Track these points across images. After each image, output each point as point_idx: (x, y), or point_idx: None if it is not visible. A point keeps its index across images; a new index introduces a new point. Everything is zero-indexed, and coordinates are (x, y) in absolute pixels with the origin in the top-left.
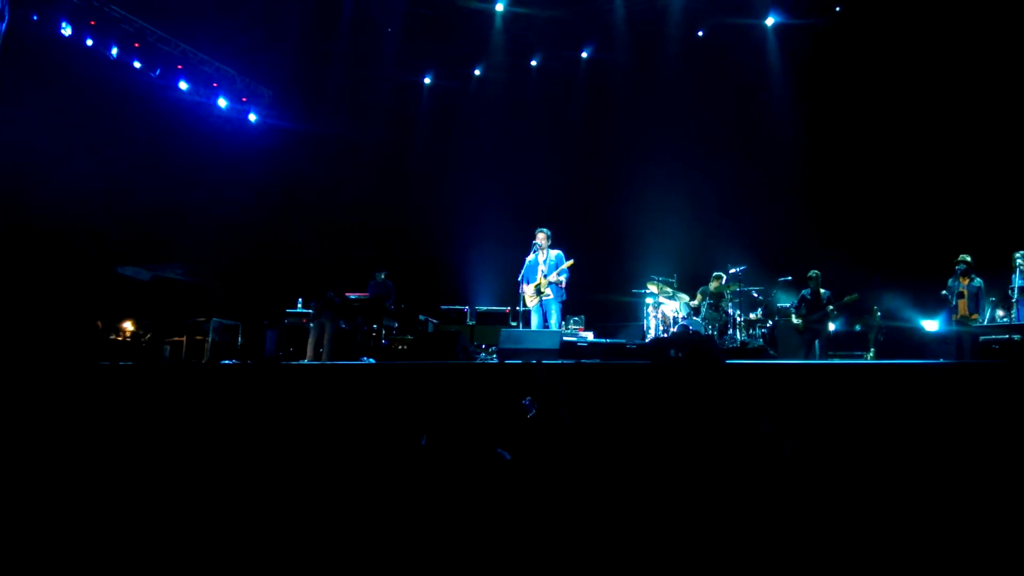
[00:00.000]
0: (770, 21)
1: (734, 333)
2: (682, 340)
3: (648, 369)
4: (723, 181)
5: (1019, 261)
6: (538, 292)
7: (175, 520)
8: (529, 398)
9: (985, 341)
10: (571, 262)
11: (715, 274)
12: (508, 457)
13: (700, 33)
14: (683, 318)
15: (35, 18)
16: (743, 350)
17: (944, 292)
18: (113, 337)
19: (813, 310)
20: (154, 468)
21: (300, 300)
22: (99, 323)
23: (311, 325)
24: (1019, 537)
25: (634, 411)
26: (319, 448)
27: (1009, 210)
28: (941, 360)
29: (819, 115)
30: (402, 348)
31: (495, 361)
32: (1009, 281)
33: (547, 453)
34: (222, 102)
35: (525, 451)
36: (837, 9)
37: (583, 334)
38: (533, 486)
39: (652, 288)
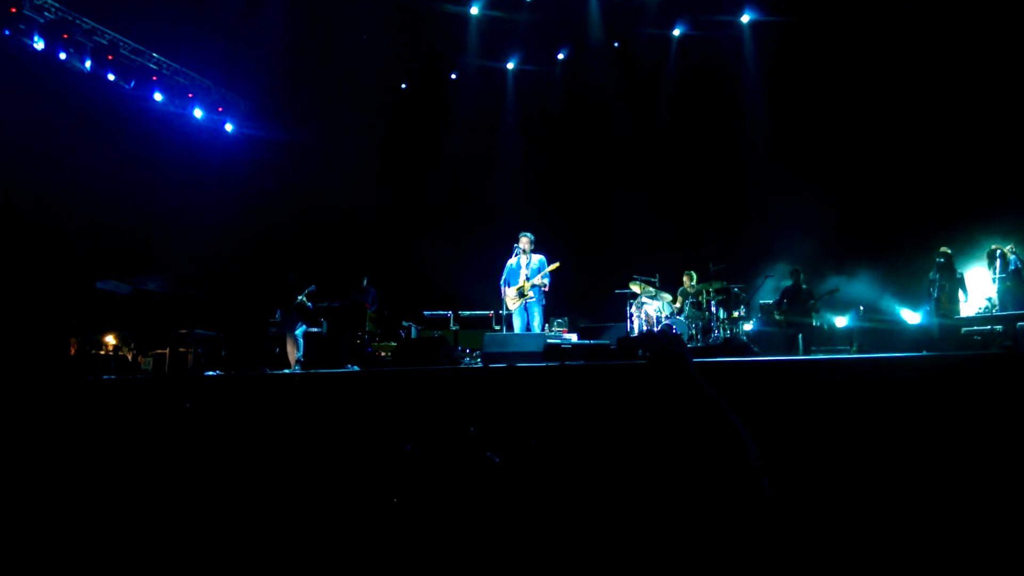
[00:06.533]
0: (746, 18)
1: (718, 331)
2: (648, 341)
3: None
4: (703, 178)
5: (998, 253)
6: (521, 295)
7: (164, 531)
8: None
9: (967, 332)
10: (556, 265)
11: (687, 272)
12: (497, 460)
13: (676, 32)
14: (666, 317)
15: (7, 33)
16: (726, 347)
17: (932, 277)
18: (95, 352)
19: (795, 305)
20: (141, 481)
21: (279, 311)
22: (73, 341)
23: (287, 334)
24: (1002, 528)
25: (613, 411)
26: (306, 456)
27: (988, 202)
28: (924, 352)
29: (796, 110)
30: (386, 355)
31: (479, 365)
32: (988, 273)
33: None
34: (198, 112)
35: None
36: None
37: (567, 336)
38: (523, 489)
39: (635, 288)
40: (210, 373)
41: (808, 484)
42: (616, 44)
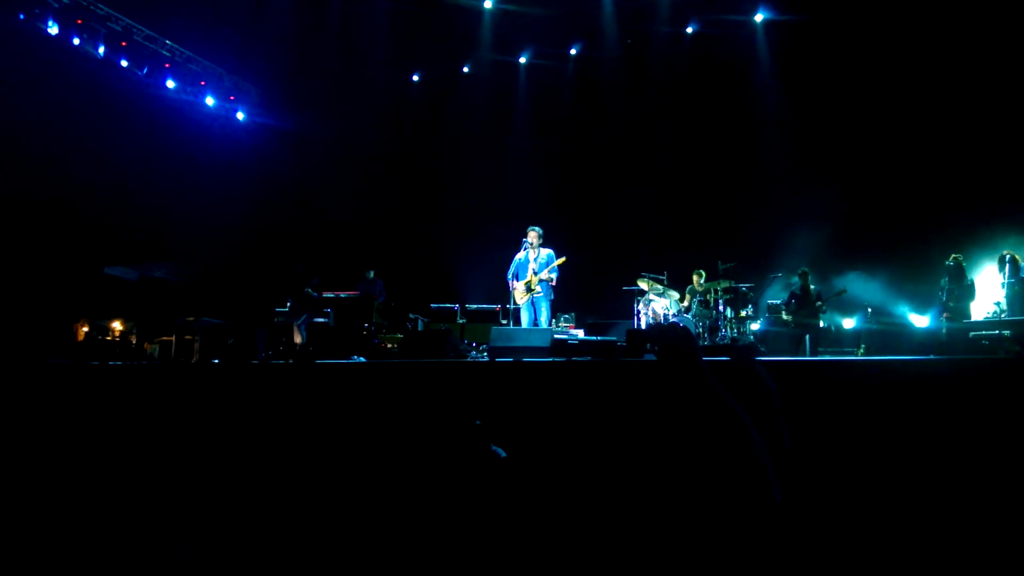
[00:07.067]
0: (759, 17)
1: (725, 330)
2: (657, 334)
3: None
4: (713, 177)
5: (1008, 258)
6: (529, 289)
7: (168, 520)
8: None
9: (975, 336)
10: (563, 259)
11: (696, 271)
12: (503, 455)
13: (689, 30)
14: (674, 315)
15: (21, 17)
16: (733, 347)
17: (942, 284)
18: (101, 337)
19: (803, 306)
20: (147, 468)
21: (289, 301)
22: (82, 326)
23: (294, 323)
24: (1005, 529)
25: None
26: (311, 446)
27: (1004, 205)
28: (931, 356)
29: (809, 110)
30: (392, 347)
31: (486, 359)
32: (1000, 276)
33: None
34: (209, 100)
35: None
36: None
37: (574, 332)
38: (528, 484)
39: (643, 285)
40: (216, 361)
41: (814, 485)
42: (629, 40)
